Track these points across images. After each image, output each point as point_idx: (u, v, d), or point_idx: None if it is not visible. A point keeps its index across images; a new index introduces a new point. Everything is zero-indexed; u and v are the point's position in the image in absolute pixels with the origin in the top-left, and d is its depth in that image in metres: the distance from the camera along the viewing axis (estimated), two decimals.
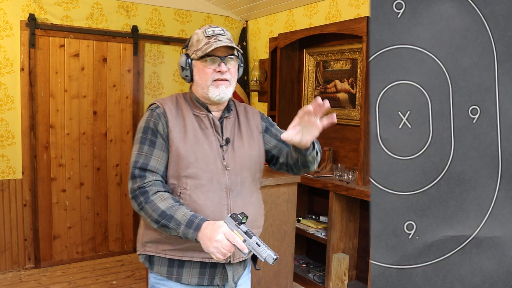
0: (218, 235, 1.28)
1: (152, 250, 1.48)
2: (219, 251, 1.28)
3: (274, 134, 1.65)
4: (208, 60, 1.46)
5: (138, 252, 1.54)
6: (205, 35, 1.48)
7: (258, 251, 1.28)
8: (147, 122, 1.47)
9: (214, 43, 1.44)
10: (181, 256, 1.44)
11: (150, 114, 1.48)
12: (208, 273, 1.48)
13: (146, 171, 1.41)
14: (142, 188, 1.39)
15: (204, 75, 1.48)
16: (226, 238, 1.28)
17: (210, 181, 1.44)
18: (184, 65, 1.51)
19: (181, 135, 1.45)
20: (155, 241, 1.47)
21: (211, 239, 1.28)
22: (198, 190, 1.42)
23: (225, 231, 1.29)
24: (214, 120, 1.51)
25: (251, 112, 1.65)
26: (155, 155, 1.43)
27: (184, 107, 1.51)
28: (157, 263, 1.49)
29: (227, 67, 1.47)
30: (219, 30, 1.50)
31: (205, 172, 1.44)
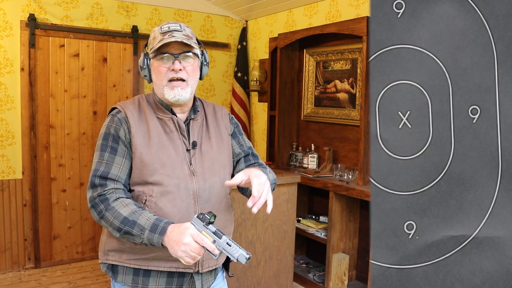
0: (185, 238, 1.20)
1: (115, 259, 1.41)
2: (188, 254, 1.21)
3: (239, 143, 1.57)
4: (164, 58, 1.38)
5: (100, 260, 1.46)
6: (160, 32, 1.39)
7: (229, 251, 1.21)
8: (107, 128, 1.40)
9: (166, 39, 1.35)
10: (146, 265, 1.38)
11: (111, 120, 1.41)
12: (175, 283, 1.41)
13: (107, 179, 1.34)
14: (102, 195, 1.32)
15: (158, 74, 1.40)
16: (194, 240, 1.21)
17: (177, 188, 1.37)
18: (142, 64, 1.44)
19: (144, 141, 1.37)
20: (118, 250, 1.40)
21: (179, 243, 1.20)
22: (165, 198, 1.35)
23: (192, 233, 1.21)
24: (179, 122, 1.43)
25: (220, 112, 1.57)
26: (116, 163, 1.36)
27: (147, 110, 1.43)
28: (121, 272, 1.42)
29: (182, 65, 1.38)
30: (175, 26, 1.40)
31: (172, 179, 1.36)
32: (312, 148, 3.69)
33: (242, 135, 1.61)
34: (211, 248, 1.22)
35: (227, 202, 1.50)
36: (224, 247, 1.22)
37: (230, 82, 4.53)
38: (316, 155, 3.64)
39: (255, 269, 2.69)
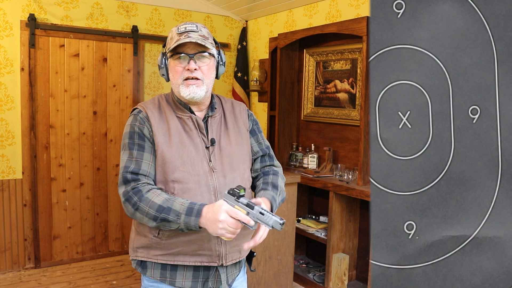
0: (221, 215, 1.25)
1: (143, 256, 1.46)
2: (227, 231, 1.26)
3: (258, 141, 1.62)
4: (180, 58, 1.43)
5: (130, 257, 1.52)
6: (177, 32, 1.44)
7: (264, 220, 1.26)
8: (132, 127, 1.44)
9: (182, 40, 1.39)
10: (172, 260, 1.42)
11: (134, 119, 1.45)
12: (201, 276, 1.45)
13: (139, 174, 1.38)
14: (135, 188, 1.36)
15: (175, 73, 1.45)
16: (229, 215, 1.25)
17: (197, 185, 1.41)
18: (160, 64, 1.49)
19: (165, 139, 1.42)
20: (145, 246, 1.45)
21: (215, 221, 1.25)
22: (186, 194, 1.39)
23: (226, 209, 1.26)
24: (197, 121, 1.47)
25: (238, 108, 1.60)
26: (145, 159, 1.40)
27: (167, 109, 1.48)
28: (150, 267, 1.47)
29: (197, 65, 1.43)
30: (192, 26, 1.44)
31: (192, 176, 1.41)
32: (312, 148, 3.69)
33: (261, 133, 1.65)
34: (246, 220, 1.26)
35: (248, 196, 1.54)
36: (258, 217, 1.27)
37: (230, 82, 4.53)
38: (316, 155, 3.64)
39: (255, 269, 2.69)
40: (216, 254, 1.43)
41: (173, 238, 1.40)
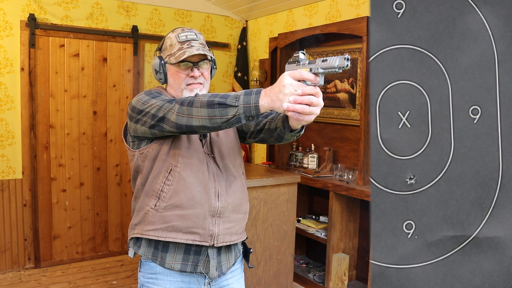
0: (285, 80, 1.16)
1: (138, 232, 1.49)
2: (293, 93, 1.15)
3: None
4: (182, 65, 1.49)
5: (129, 236, 1.55)
6: (178, 40, 1.49)
7: (328, 66, 1.15)
8: (149, 92, 1.47)
9: (187, 50, 1.45)
10: (164, 237, 1.44)
11: (149, 90, 1.51)
12: (191, 260, 1.48)
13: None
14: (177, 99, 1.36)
15: (178, 79, 1.51)
16: (293, 78, 1.16)
17: (200, 162, 1.46)
18: (158, 68, 1.53)
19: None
20: (142, 221, 1.48)
21: (281, 89, 1.16)
22: (188, 169, 1.44)
23: (289, 73, 1.18)
24: None
25: None
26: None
27: None
28: (144, 245, 1.50)
29: (200, 72, 1.50)
30: (192, 34, 1.50)
31: (197, 153, 1.47)
32: (312, 148, 3.69)
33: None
34: (312, 77, 1.17)
35: (241, 181, 1.58)
36: (321, 67, 1.17)
37: (230, 82, 4.53)
38: (316, 155, 3.64)
39: (255, 269, 2.69)
40: (208, 234, 1.45)
41: (169, 211, 1.43)
